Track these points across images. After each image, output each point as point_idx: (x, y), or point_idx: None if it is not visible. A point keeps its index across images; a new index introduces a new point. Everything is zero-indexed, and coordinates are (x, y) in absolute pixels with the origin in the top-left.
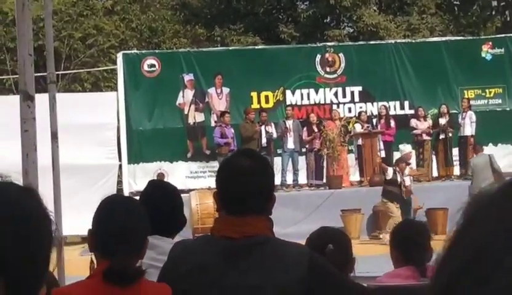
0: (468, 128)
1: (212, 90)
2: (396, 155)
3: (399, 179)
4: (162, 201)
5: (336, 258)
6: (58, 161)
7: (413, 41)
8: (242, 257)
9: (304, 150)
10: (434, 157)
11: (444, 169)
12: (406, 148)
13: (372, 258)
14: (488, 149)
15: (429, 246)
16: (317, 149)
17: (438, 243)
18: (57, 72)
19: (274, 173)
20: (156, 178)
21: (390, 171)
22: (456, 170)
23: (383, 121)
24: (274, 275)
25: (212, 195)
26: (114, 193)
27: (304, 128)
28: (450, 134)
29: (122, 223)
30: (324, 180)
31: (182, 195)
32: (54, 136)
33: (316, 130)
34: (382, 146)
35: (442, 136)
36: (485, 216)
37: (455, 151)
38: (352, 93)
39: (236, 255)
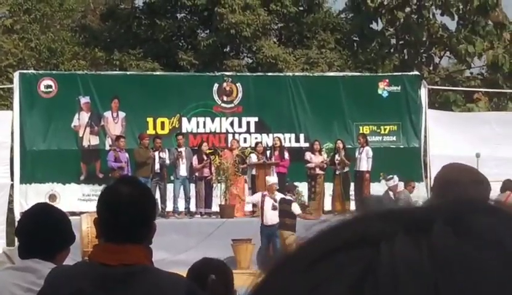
0: (364, 163)
1: (107, 114)
2: None
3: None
4: (46, 223)
5: (217, 289)
6: None
7: (311, 75)
8: (118, 285)
9: (194, 178)
10: (328, 191)
11: (340, 203)
12: (271, 179)
13: None
14: (381, 186)
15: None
16: (208, 177)
17: None
18: None
19: (156, 202)
20: (47, 199)
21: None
22: (353, 205)
23: (277, 153)
24: None
25: (93, 221)
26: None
27: (195, 156)
28: (347, 169)
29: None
30: (213, 209)
31: (73, 217)
32: None
33: (205, 159)
34: (276, 178)
35: (338, 171)
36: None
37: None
38: (248, 123)
39: (113, 283)
